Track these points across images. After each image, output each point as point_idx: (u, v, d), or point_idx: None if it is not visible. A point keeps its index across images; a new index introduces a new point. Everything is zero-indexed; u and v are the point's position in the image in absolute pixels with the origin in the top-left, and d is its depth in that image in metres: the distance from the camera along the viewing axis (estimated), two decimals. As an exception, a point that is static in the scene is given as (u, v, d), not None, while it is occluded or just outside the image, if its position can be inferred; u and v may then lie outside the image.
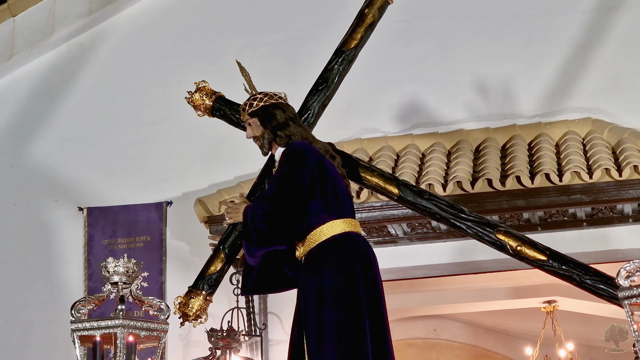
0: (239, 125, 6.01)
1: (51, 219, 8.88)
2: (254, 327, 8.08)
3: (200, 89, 6.14)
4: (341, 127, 8.56)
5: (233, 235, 5.61)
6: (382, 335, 5.14)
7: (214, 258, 5.63)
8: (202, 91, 6.12)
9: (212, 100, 6.08)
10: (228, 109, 6.07)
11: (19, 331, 8.59)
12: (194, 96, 6.11)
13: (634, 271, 4.96)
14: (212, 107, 6.07)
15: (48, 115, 9.17)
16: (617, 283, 5.00)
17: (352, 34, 6.18)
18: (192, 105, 6.11)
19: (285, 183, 5.15)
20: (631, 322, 4.92)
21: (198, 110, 6.12)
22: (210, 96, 6.10)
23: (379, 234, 8.07)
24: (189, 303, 5.46)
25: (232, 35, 8.97)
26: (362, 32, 6.18)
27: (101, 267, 4.95)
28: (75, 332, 4.80)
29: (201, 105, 6.08)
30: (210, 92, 6.12)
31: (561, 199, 7.48)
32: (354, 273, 5.12)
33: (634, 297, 4.88)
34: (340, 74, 6.12)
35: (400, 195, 5.77)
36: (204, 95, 6.10)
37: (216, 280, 5.59)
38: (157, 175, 8.82)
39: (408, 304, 11.44)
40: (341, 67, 6.12)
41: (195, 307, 5.46)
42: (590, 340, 12.18)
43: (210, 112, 6.09)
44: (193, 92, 6.14)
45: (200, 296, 5.51)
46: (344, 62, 6.13)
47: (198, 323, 5.50)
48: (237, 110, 5.93)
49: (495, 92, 8.53)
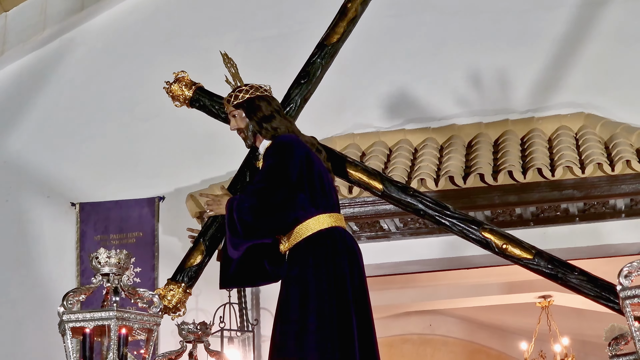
0: (218, 116, 5.95)
1: (43, 215, 8.87)
2: (246, 322, 8.08)
3: (179, 79, 6.04)
4: (333, 122, 8.56)
5: (213, 228, 5.54)
6: (368, 330, 5.10)
7: (194, 250, 5.56)
8: (181, 82, 6.04)
9: (191, 91, 6.01)
10: (208, 100, 5.99)
11: (10, 328, 8.58)
12: (172, 86, 6.02)
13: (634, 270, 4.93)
14: (192, 98, 6.01)
15: (40, 111, 9.16)
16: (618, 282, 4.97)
17: (335, 28, 6.15)
18: (170, 95, 6.04)
19: (273, 176, 5.09)
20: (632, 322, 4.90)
21: (176, 101, 6.04)
22: (190, 87, 6.02)
23: (372, 229, 8.06)
24: (167, 295, 5.40)
25: (224, 31, 8.96)
26: (344, 27, 6.14)
27: (91, 257, 4.82)
28: (67, 323, 4.65)
29: (180, 95, 6.01)
30: (189, 83, 6.04)
31: (553, 194, 7.47)
32: (340, 268, 5.08)
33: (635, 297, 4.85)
34: (323, 67, 6.08)
35: (385, 190, 5.72)
36: (183, 85, 6.03)
37: (196, 272, 5.52)
38: (149, 171, 8.80)
39: (403, 300, 11.43)
40: (323, 61, 6.08)
41: (174, 300, 5.42)
42: (585, 335, 12.17)
43: (189, 102, 6.02)
44: (171, 83, 6.06)
45: (179, 289, 5.44)
46: (326, 56, 6.09)
47: (177, 316, 5.43)
48: (217, 101, 5.88)
49: (487, 87, 8.52)
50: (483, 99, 8.50)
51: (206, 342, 5.61)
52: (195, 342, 5.63)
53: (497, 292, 11.12)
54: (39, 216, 8.88)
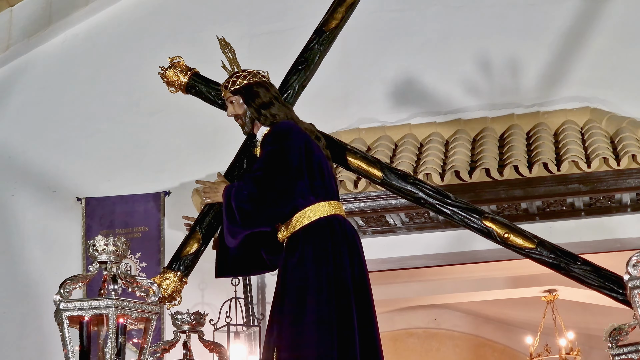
0: (215, 103, 5.90)
1: (49, 210, 8.88)
2: (252, 317, 8.08)
3: (175, 64, 5.95)
4: (339, 116, 8.55)
5: (210, 216, 5.45)
6: (369, 321, 5.03)
7: (190, 239, 5.47)
8: (176, 67, 5.95)
9: (187, 77, 5.96)
10: (204, 86, 5.92)
11: (17, 322, 8.59)
12: (167, 72, 5.94)
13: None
14: (188, 84, 5.96)
15: (45, 106, 9.16)
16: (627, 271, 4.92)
17: (333, 13, 6.05)
18: (165, 81, 5.97)
19: (272, 163, 5.02)
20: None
21: (171, 87, 5.96)
22: (185, 72, 5.95)
23: (377, 223, 8.05)
24: (163, 284, 5.29)
25: (230, 25, 8.93)
26: (342, 12, 6.04)
27: (89, 245, 4.67)
28: (64, 311, 4.49)
29: (175, 81, 5.94)
30: (185, 69, 5.95)
31: (559, 188, 7.45)
32: (340, 257, 5.01)
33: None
34: (321, 54, 5.99)
35: (384, 178, 5.62)
36: (178, 71, 5.98)
37: (192, 261, 5.42)
38: (154, 166, 8.80)
39: (408, 294, 11.45)
40: (321, 47, 5.99)
41: (170, 288, 5.33)
42: (591, 329, 12.17)
43: (185, 88, 5.98)
44: (166, 68, 5.96)
45: (175, 277, 5.34)
46: (324, 42, 6.00)
47: (172, 305, 5.32)
48: (214, 88, 5.84)
49: (493, 81, 8.50)
50: (489, 93, 8.48)
51: (200, 332, 5.54)
52: (189, 332, 5.55)
53: (502, 286, 11.13)
54: (45, 211, 8.88)
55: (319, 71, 6.19)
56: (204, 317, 5.58)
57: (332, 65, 7.17)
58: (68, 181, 8.88)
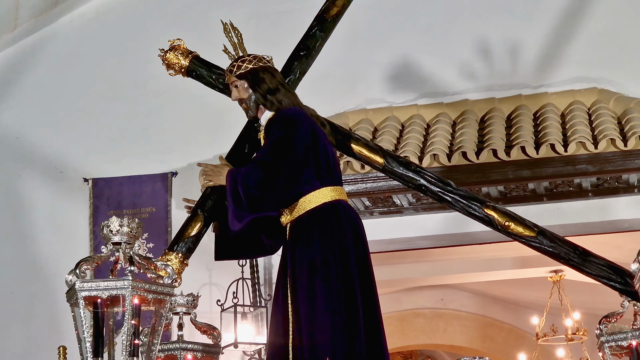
0: (215, 87, 5.91)
1: (56, 190, 8.88)
2: (259, 298, 8.09)
3: (175, 47, 5.96)
4: (346, 97, 8.54)
5: (211, 199, 5.47)
6: (372, 304, 5.11)
7: (192, 220, 5.49)
8: (176, 50, 5.94)
9: (187, 60, 5.95)
10: (205, 70, 5.93)
11: (25, 302, 8.62)
12: (167, 55, 5.95)
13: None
14: (188, 68, 5.94)
15: (53, 87, 9.15)
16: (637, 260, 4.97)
17: (335, 0, 6.09)
18: (165, 64, 5.96)
19: (280, 149, 5.07)
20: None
21: (171, 70, 5.96)
22: (186, 55, 5.95)
23: (385, 204, 8.06)
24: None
25: (237, 6, 8.90)
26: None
27: (102, 226, 4.68)
28: (79, 291, 4.48)
29: (176, 64, 5.93)
30: (185, 51, 5.94)
31: (567, 169, 7.46)
32: (345, 242, 5.08)
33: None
34: (322, 40, 6.01)
35: (386, 165, 5.67)
36: (179, 54, 5.97)
37: (193, 243, 5.44)
38: (162, 146, 8.80)
39: (415, 274, 11.45)
40: (322, 34, 6.01)
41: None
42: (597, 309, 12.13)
43: (185, 72, 5.96)
44: (167, 51, 5.97)
45: (176, 259, 5.36)
46: (326, 29, 6.02)
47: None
48: (215, 71, 5.84)
49: (500, 62, 8.48)
50: (496, 74, 8.46)
51: (193, 314, 5.54)
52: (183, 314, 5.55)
53: (509, 266, 11.13)
54: (52, 192, 8.89)
55: (326, 52, 6.20)
56: (197, 299, 5.60)
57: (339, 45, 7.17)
58: (75, 162, 8.88)
